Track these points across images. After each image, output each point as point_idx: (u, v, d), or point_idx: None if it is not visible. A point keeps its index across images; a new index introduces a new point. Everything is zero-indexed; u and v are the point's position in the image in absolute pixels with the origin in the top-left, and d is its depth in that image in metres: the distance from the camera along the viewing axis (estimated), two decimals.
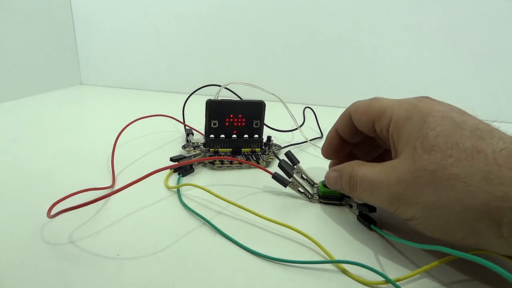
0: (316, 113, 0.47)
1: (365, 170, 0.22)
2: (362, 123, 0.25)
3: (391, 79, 0.60)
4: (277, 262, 0.21)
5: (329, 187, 0.26)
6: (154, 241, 0.22)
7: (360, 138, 0.27)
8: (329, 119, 0.27)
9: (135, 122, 0.39)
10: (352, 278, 0.20)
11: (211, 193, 0.26)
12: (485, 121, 0.20)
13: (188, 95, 0.44)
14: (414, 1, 0.55)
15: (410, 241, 0.20)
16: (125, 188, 0.23)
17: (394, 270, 0.20)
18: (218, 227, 0.24)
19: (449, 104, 0.22)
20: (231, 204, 0.26)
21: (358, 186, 0.22)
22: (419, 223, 0.19)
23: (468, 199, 0.17)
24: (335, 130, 0.28)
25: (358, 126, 0.25)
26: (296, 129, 0.43)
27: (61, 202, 0.24)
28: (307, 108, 0.49)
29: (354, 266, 0.20)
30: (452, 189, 0.17)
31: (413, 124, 0.20)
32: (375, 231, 0.23)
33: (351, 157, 0.29)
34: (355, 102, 0.26)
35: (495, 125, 0.19)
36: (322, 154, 0.29)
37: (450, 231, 0.18)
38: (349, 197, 0.28)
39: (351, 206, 0.27)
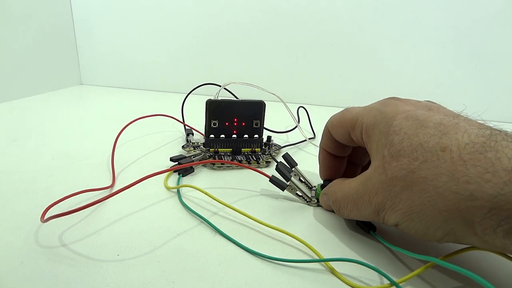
0: (310, 114, 0.47)
1: (345, 190, 0.22)
2: (339, 135, 0.25)
3: (391, 79, 0.60)
4: (278, 262, 0.21)
5: (325, 208, 0.27)
6: (154, 241, 0.22)
7: (350, 149, 0.27)
8: (324, 120, 0.27)
9: (135, 122, 0.39)
10: (342, 280, 0.20)
11: (209, 195, 0.26)
12: (456, 111, 0.20)
13: (188, 95, 0.44)
14: (414, 1, 0.55)
15: (405, 250, 0.20)
16: (122, 190, 0.23)
17: (393, 274, 0.20)
18: (218, 227, 0.24)
19: (417, 101, 0.22)
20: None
21: (343, 207, 0.23)
22: (403, 228, 0.19)
23: (439, 201, 0.17)
24: (322, 149, 0.28)
25: (337, 139, 0.25)
26: (293, 129, 0.43)
27: (59, 204, 0.24)
28: (300, 108, 0.49)
29: (354, 266, 0.20)
30: (423, 193, 0.17)
31: (380, 131, 0.20)
32: (373, 236, 0.23)
33: (352, 170, 0.29)
34: (330, 117, 0.26)
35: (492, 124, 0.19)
36: (322, 178, 0.29)
37: (430, 233, 0.18)
38: None
39: None
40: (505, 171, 0.15)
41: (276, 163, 0.28)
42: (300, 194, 0.28)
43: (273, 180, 0.28)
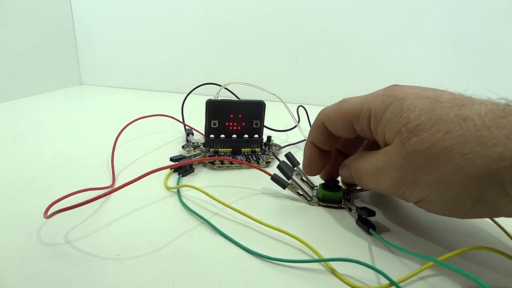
0: (309, 113, 0.47)
1: (365, 162, 0.22)
2: (339, 128, 0.24)
3: (391, 79, 0.60)
4: (278, 262, 0.21)
5: (345, 180, 0.27)
6: (154, 241, 0.22)
7: (338, 143, 0.27)
8: None
9: (135, 122, 0.39)
10: (343, 280, 0.20)
11: (209, 196, 0.26)
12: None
13: (188, 94, 0.44)
14: (414, 1, 0.55)
15: (406, 249, 0.20)
16: (123, 187, 0.23)
17: (392, 274, 0.20)
18: (218, 227, 0.24)
19: (419, 86, 0.22)
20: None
21: (364, 178, 0.23)
22: (427, 203, 0.19)
23: (468, 167, 0.17)
24: (311, 144, 0.27)
25: (335, 132, 0.25)
26: (293, 128, 0.43)
27: (59, 202, 0.24)
28: (299, 108, 0.49)
29: (354, 266, 0.20)
30: (450, 162, 0.17)
31: (392, 111, 0.20)
32: (373, 236, 0.23)
33: (337, 162, 0.28)
34: (323, 110, 0.26)
35: None
36: (306, 173, 0.28)
37: (459, 203, 0.18)
38: (348, 201, 0.28)
39: (350, 210, 0.26)
40: None
41: (278, 162, 0.28)
42: (301, 193, 0.28)
43: (274, 178, 0.28)
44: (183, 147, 0.38)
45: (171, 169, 0.31)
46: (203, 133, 0.37)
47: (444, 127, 0.18)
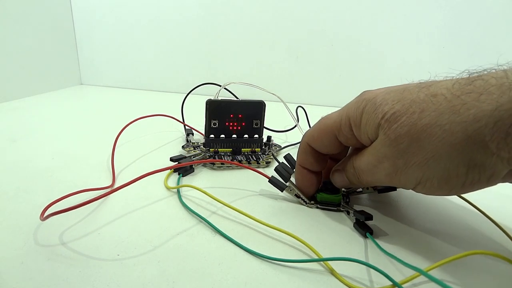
0: (309, 113, 0.47)
1: (361, 159, 0.23)
2: (326, 144, 0.25)
3: (391, 79, 0.60)
4: (277, 262, 0.21)
5: (338, 186, 0.27)
6: (154, 241, 0.22)
7: (326, 163, 0.27)
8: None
9: (135, 122, 0.39)
10: (341, 280, 0.20)
11: (209, 195, 0.26)
12: None
13: (188, 94, 0.44)
14: (414, 1, 0.55)
15: (398, 258, 0.20)
16: (121, 188, 0.23)
17: (394, 274, 0.20)
18: (218, 227, 0.24)
19: (387, 86, 0.23)
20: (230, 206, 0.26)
21: (361, 175, 0.23)
22: (424, 184, 0.20)
23: (448, 137, 0.18)
24: (300, 167, 0.27)
25: (321, 150, 0.26)
26: (292, 128, 0.43)
27: (58, 203, 0.24)
28: (299, 108, 0.49)
29: (355, 266, 0.20)
30: (431, 137, 0.18)
31: (368, 112, 0.21)
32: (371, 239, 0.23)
33: (332, 165, 0.28)
34: (306, 133, 0.27)
35: None
36: (305, 196, 0.28)
37: (452, 174, 0.18)
38: (347, 203, 0.27)
39: (348, 213, 0.26)
40: (496, 86, 0.17)
41: (278, 163, 0.28)
42: (299, 195, 0.28)
43: (272, 181, 0.28)
44: (183, 147, 0.38)
45: (171, 169, 0.31)
46: (203, 133, 0.37)
47: (418, 107, 0.19)
